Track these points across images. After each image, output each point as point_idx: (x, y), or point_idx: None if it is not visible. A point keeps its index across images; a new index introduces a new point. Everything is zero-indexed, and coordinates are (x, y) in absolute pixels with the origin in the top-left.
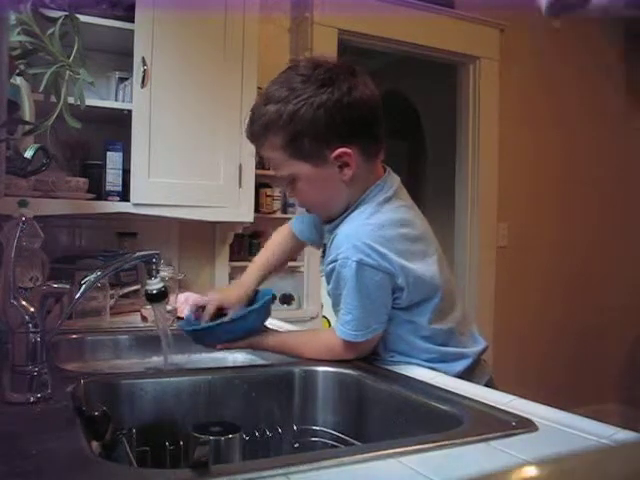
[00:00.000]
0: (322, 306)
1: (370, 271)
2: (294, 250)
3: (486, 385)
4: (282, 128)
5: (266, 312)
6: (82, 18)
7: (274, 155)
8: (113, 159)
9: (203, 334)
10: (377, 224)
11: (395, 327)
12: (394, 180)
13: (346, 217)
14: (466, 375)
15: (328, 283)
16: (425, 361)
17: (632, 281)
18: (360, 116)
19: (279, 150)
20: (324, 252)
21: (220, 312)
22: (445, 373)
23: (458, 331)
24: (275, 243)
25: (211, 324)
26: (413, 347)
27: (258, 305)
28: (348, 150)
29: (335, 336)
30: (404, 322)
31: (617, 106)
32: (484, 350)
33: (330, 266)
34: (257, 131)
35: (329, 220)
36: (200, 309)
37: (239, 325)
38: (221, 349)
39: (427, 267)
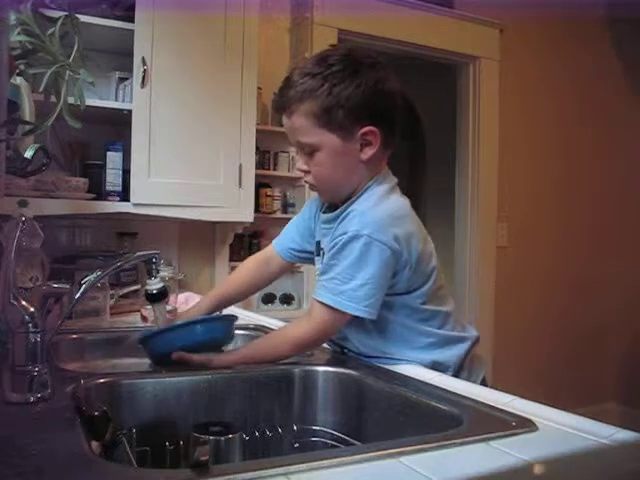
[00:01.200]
0: None
1: (379, 247)
2: (267, 276)
3: (482, 382)
4: (320, 97)
5: (225, 327)
6: (82, 18)
7: (304, 122)
8: (113, 159)
9: (154, 342)
10: (389, 205)
11: (393, 314)
12: (393, 177)
13: (354, 202)
14: (468, 365)
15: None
16: (425, 349)
17: (632, 281)
18: (391, 104)
19: (311, 117)
20: (317, 249)
21: None
22: (446, 361)
23: (454, 317)
24: (241, 271)
25: (164, 327)
26: (412, 331)
27: (217, 315)
28: (376, 130)
29: (304, 323)
30: (402, 307)
31: (617, 105)
32: (478, 338)
33: (337, 239)
34: (293, 96)
35: (331, 207)
36: None
37: (193, 330)
38: (176, 359)
39: (427, 249)
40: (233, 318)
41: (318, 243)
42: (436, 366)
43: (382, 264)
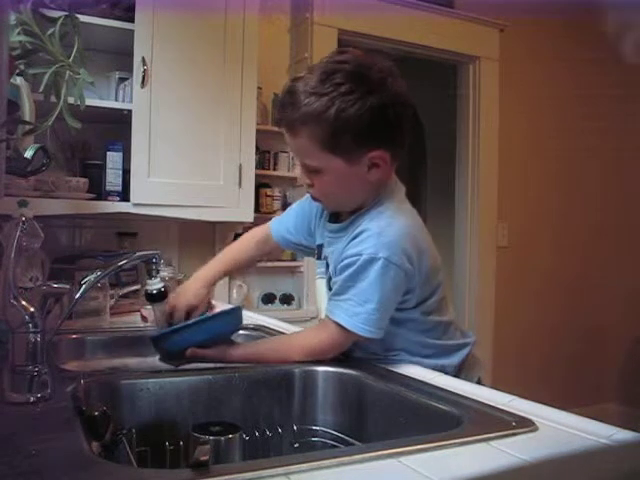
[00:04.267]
0: (319, 310)
1: (395, 270)
2: (264, 254)
3: (477, 382)
4: (326, 122)
5: (235, 320)
6: (82, 18)
7: (308, 144)
8: (113, 159)
9: (168, 340)
10: (403, 224)
11: (395, 327)
12: (401, 185)
13: (364, 214)
14: (466, 368)
15: (337, 274)
16: (424, 358)
17: (632, 281)
18: (401, 123)
19: (316, 142)
20: (319, 253)
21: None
22: (446, 366)
23: (454, 325)
24: (244, 245)
25: (178, 326)
26: (413, 344)
27: (227, 309)
28: (385, 154)
29: (319, 333)
30: (407, 320)
31: (618, 106)
32: (475, 342)
33: (352, 259)
34: (297, 118)
35: (336, 217)
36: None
37: (207, 327)
38: (190, 356)
39: (436, 265)
40: (240, 308)
41: (320, 247)
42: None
43: (396, 287)
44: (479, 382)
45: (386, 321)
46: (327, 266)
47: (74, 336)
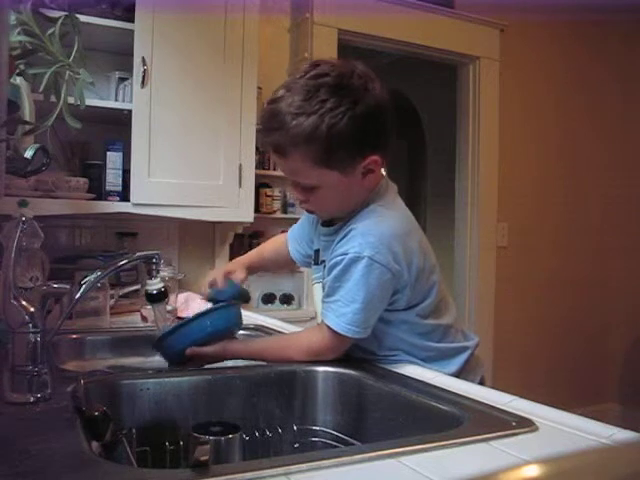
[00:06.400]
0: (316, 313)
1: (380, 269)
2: (282, 267)
3: (480, 382)
4: (318, 140)
5: (232, 316)
6: (82, 18)
7: (301, 165)
8: (113, 159)
9: (167, 342)
10: (390, 223)
11: (392, 328)
12: (392, 185)
13: (354, 216)
14: (465, 370)
15: (328, 274)
16: (423, 360)
17: (633, 281)
18: (386, 123)
19: (309, 160)
20: (316, 258)
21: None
22: (445, 372)
23: (454, 328)
24: (273, 248)
25: (173, 325)
26: (411, 346)
27: (222, 305)
28: (378, 158)
29: (316, 334)
30: (401, 322)
31: (619, 105)
32: (478, 343)
33: (338, 258)
34: (286, 141)
35: (329, 221)
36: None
37: (202, 323)
38: (190, 354)
39: (428, 265)
40: (239, 304)
41: (317, 252)
42: None
43: (382, 286)
44: (481, 382)
45: (373, 320)
46: (324, 269)
47: (74, 336)
